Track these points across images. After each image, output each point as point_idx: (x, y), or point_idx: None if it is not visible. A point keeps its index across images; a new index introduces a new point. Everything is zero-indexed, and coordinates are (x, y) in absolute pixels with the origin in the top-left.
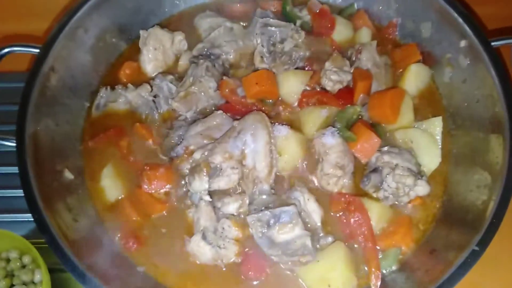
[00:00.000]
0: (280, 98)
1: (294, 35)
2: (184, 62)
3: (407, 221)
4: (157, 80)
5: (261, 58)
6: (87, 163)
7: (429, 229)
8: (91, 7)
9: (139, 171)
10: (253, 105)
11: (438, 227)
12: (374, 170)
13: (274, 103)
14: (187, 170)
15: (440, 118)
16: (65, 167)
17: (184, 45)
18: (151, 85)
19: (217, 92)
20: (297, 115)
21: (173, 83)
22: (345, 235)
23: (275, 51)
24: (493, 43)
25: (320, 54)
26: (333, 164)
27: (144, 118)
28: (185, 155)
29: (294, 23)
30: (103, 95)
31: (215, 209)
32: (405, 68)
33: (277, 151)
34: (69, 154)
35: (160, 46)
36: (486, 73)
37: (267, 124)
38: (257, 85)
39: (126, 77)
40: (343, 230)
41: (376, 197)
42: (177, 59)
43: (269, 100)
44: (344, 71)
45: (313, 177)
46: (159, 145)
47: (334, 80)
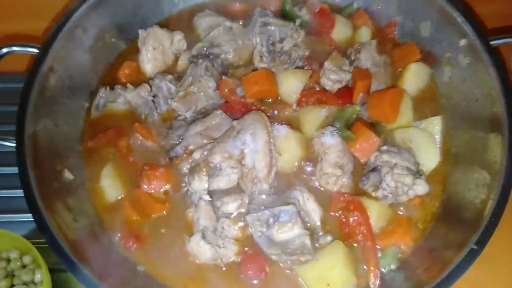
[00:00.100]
0: (280, 98)
1: (294, 34)
2: (183, 61)
3: (406, 220)
4: (156, 80)
5: (261, 57)
6: (86, 163)
7: (428, 228)
8: (90, 6)
9: (138, 171)
10: (253, 105)
11: (437, 226)
12: (373, 170)
13: (273, 103)
14: (186, 170)
15: (439, 117)
16: (64, 167)
17: (183, 44)
18: (150, 85)
19: (216, 91)
20: (296, 114)
21: (172, 83)
22: (344, 234)
23: (275, 51)
24: (492, 42)
25: (319, 53)
26: (332, 164)
27: (144, 118)
28: (185, 155)
29: (293, 22)
30: (102, 95)
31: (215, 209)
32: (405, 67)
33: (276, 150)
34: (69, 154)
35: (159, 46)
36: (485, 72)
37: (267, 124)
38: (256, 84)
39: (125, 77)
40: (342, 229)
41: (375, 196)
42: (176, 58)
43: (268, 100)
44: (343, 70)
45: (313, 176)
46: (158, 145)
47: (333, 79)
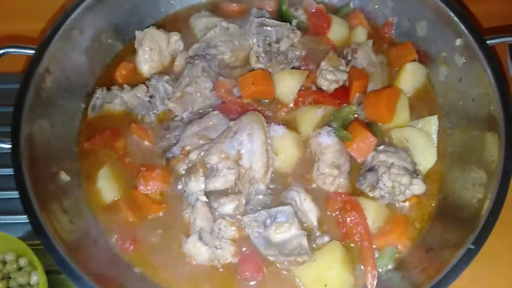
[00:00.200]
0: (276, 98)
1: (290, 34)
2: (180, 62)
3: (403, 220)
4: (153, 81)
5: (257, 58)
6: (83, 164)
7: (425, 228)
8: (86, 7)
9: (135, 172)
10: (249, 105)
11: (434, 225)
12: (370, 169)
13: (270, 103)
14: (183, 171)
15: (436, 117)
16: (61, 169)
17: (180, 45)
18: (147, 86)
19: (213, 92)
20: (293, 114)
21: (169, 84)
22: (341, 234)
23: (271, 51)
24: (488, 41)
25: (316, 53)
26: (329, 164)
27: (140, 119)
28: (181, 155)
29: (290, 22)
30: (99, 96)
31: (212, 210)
32: (401, 67)
33: (273, 151)
34: (65, 155)
35: (156, 47)
36: (481, 71)
37: (263, 124)
38: (253, 85)
39: (122, 77)
40: (340, 229)
41: (372, 196)
42: (173, 59)
43: (265, 100)
44: (340, 70)
45: (310, 176)
46: (155, 146)
47: (330, 79)
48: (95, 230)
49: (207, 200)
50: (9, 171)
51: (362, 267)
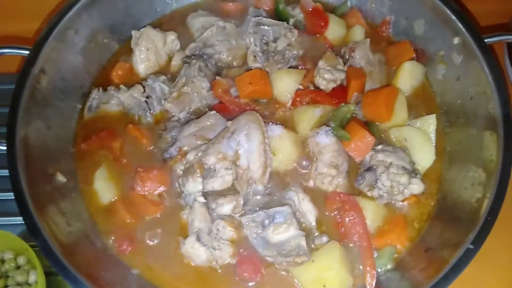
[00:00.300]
0: (274, 98)
1: (287, 34)
2: (176, 62)
3: (402, 220)
4: (149, 81)
5: (254, 57)
6: (79, 165)
7: (424, 227)
8: (81, 7)
9: (132, 173)
10: (247, 105)
11: (433, 225)
12: (369, 169)
13: (267, 103)
14: (180, 172)
15: (434, 115)
16: (57, 170)
17: (177, 45)
18: (143, 86)
19: (210, 92)
20: (291, 114)
21: (165, 84)
22: (340, 234)
23: (268, 50)
24: (486, 40)
25: (313, 52)
26: (327, 164)
27: (137, 119)
28: (179, 156)
29: (287, 21)
30: (95, 97)
31: (209, 211)
32: (399, 65)
33: (271, 151)
34: (61, 157)
35: (152, 46)
36: (479, 70)
37: (261, 124)
38: (250, 84)
39: (118, 78)
40: (338, 229)
41: (371, 196)
42: (170, 59)
43: (262, 100)
44: (337, 69)
45: (308, 176)
46: (152, 147)
47: (327, 78)
48: (92, 232)
49: (205, 201)
50: (5, 172)
51: (361, 267)
